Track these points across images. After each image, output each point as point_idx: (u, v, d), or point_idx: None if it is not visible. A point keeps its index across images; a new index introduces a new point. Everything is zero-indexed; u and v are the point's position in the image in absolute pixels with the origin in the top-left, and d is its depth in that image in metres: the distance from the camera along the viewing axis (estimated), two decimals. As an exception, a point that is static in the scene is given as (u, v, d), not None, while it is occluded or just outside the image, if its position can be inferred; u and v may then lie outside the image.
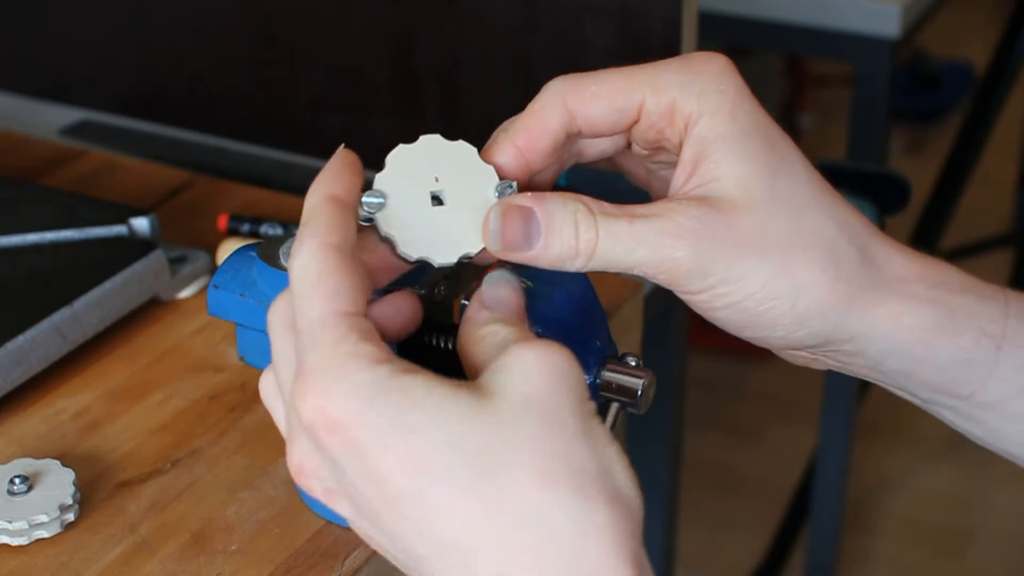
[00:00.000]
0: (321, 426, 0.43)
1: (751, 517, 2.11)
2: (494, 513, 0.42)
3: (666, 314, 1.02)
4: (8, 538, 0.60)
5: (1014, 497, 2.17)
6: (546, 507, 0.42)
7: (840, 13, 1.50)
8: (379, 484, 0.43)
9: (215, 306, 0.62)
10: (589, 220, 0.49)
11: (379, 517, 0.44)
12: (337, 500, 0.45)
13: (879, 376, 0.54)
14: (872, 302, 0.51)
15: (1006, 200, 2.77)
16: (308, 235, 0.46)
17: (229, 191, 0.90)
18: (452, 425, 0.43)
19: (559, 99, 0.51)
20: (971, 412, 0.53)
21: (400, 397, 0.43)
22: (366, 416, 0.43)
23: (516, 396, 0.43)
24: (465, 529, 0.42)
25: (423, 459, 0.42)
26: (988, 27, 2.81)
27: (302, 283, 0.45)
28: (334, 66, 1.05)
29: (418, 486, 0.42)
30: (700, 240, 0.49)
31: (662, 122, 0.51)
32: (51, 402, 0.70)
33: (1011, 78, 1.98)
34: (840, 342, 0.52)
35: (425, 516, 0.42)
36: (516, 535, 0.42)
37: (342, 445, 0.43)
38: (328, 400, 0.43)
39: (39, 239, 0.76)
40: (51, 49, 1.16)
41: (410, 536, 0.43)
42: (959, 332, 0.51)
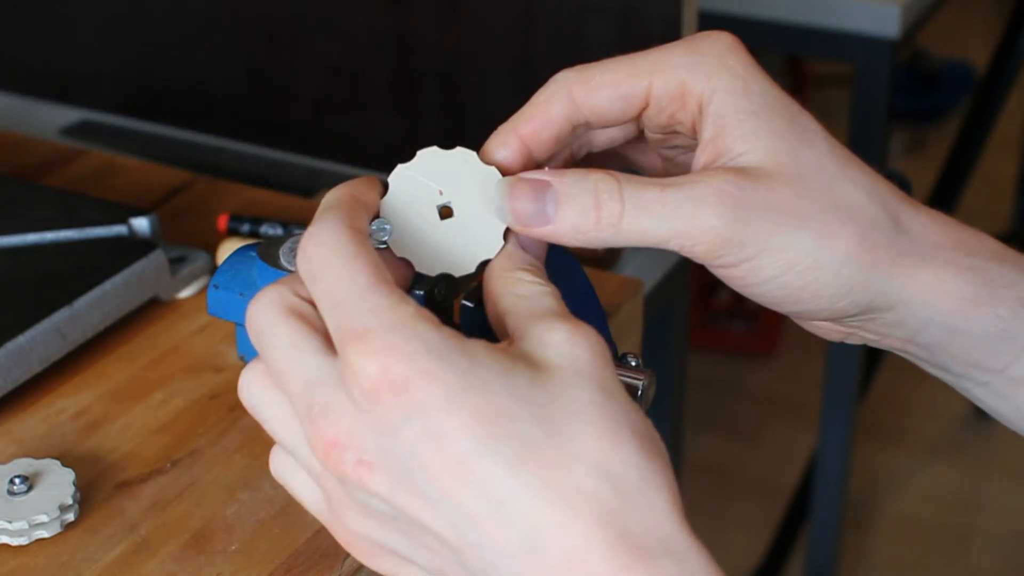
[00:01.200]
0: (387, 386, 0.41)
1: (751, 517, 2.11)
2: (562, 471, 0.41)
3: (666, 314, 1.02)
4: (8, 538, 0.60)
5: (1014, 497, 2.17)
6: (615, 462, 0.41)
7: (840, 13, 1.50)
8: (441, 445, 0.41)
9: (215, 306, 0.62)
10: (613, 188, 0.48)
11: (431, 482, 0.42)
12: (372, 472, 0.43)
13: (914, 349, 0.52)
14: (914, 268, 0.50)
15: (1006, 200, 2.77)
16: (332, 217, 0.45)
17: (229, 191, 0.90)
18: (521, 388, 0.42)
19: (564, 89, 0.51)
20: (1002, 388, 0.52)
21: (470, 358, 0.42)
22: (441, 374, 0.41)
23: (570, 371, 0.43)
24: (530, 488, 0.41)
25: (496, 417, 0.41)
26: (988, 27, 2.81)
27: (337, 257, 0.44)
28: (334, 66, 1.05)
29: (487, 445, 0.41)
30: (739, 207, 0.47)
31: (672, 105, 0.50)
32: (51, 402, 0.70)
33: (1011, 78, 1.98)
34: (881, 311, 0.51)
35: (490, 475, 0.41)
36: (581, 490, 0.41)
37: (405, 406, 0.41)
38: (399, 358, 0.41)
39: (39, 239, 0.76)
40: (51, 49, 1.17)
41: (466, 500, 0.41)
42: (997, 302, 0.51)
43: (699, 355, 2.44)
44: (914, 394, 2.33)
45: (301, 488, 0.48)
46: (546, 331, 0.44)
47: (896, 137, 3.08)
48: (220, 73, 1.10)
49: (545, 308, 0.46)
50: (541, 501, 0.41)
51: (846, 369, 1.72)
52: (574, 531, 0.41)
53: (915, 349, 0.53)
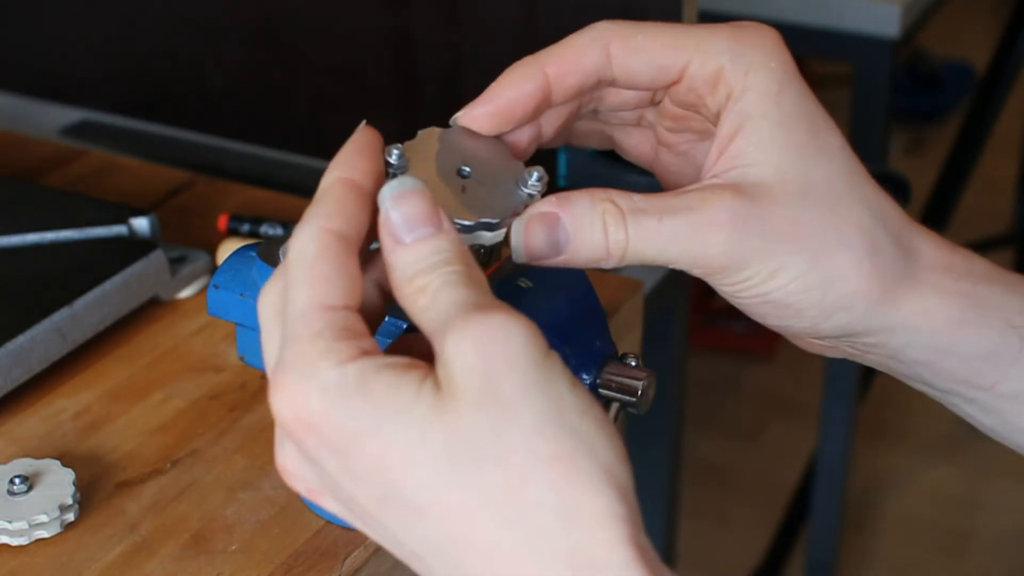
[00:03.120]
0: (295, 424, 0.43)
1: (751, 516, 2.11)
2: (472, 509, 0.40)
3: (666, 314, 1.02)
4: (8, 538, 0.60)
5: (1014, 496, 2.17)
6: (526, 502, 0.40)
7: (840, 13, 1.51)
8: (359, 483, 0.42)
9: (215, 306, 0.62)
10: (618, 221, 0.48)
11: (367, 514, 0.43)
12: (323, 498, 0.45)
13: (897, 366, 0.53)
14: (902, 295, 0.50)
15: (1006, 200, 2.77)
16: (312, 216, 0.44)
17: (229, 191, 0.90)
18: (414, 428, 0.41)
19: (602, 40, 0.50)
20: (991, 404, 0.52)
21: (363, 400, 0.42)
22: (334, 417, 0.42)
23: (467, 392, 0.41)
24: (444, 527, 0.41)
25: (391, 462, 0.41)
26: (988, 27, 2.81)
27: (296, 267, 0.44)
28: (334, 66, 1.05)
29: (392, 487, 0.42)
30: (734, 234, 0.48)
31: (704, 88, 0.50)
32: (51, 402, 0.70)
33: (1011, 78, 1.98)
34: (863, 335, 0.51)
35: (406, 516, 0.42)
36: (496, 533, 0.40)
37: (319, 444, 0.42)
38: (298, 398, 0.42)
39: (39, 239, 0.76)
40: (51, 49, 1.17)
41: (398, 534, 0.43)
42: (985, 324, 0.51)
43: (699, 355, 2.44)
44: (914, 394, 2.31)
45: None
46: (450, 351, 0.41)
47: (896, 137, 3.07)
48: (220, 73, 1.10)
49: (445, 311, 0.42)
50: (460, 545, 0.42)
51: (846, 369, 1.72)
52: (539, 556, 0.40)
53: (898, 367, 0.53)
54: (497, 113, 0.50)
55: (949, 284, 0.51)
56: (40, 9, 1.15)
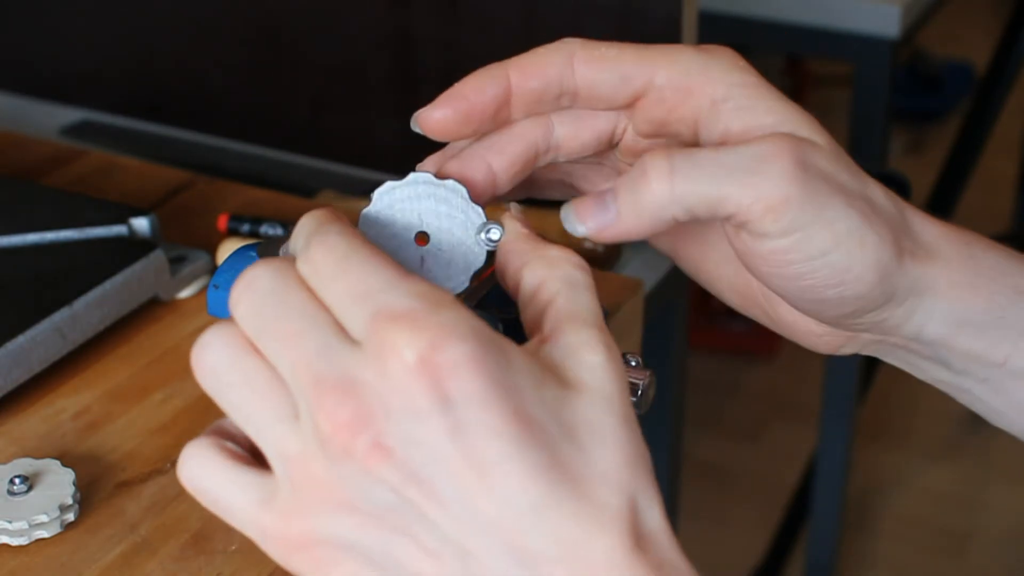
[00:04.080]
0: (431, 367, 0.39)
1: (751, 517, 2.11)
2: (589, 487, 0.40)
3: (666, 314, 1.02)
4: (8, 538, 0.60)
5: (1014, 497, 2.17)
6: (634, 490, 0.41)
7: (840, 13, 1.51)
8: (471, 441, 0.39)
9: (215, 306, 0.61)
10: (657, 154, 0.46)
11: (449, 479, 0.39)
12: (387, 458, 0.39)
13: (916, 347, 0.52)
14: (923, 259, 0.50)
15: (1006, 200, 2.77)
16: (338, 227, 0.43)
17: (229, 191, 0.90)
18: (549, 402, 0.40)
19: (566, 49, 0.50)
20: (1002, 383, 0.52)
21: (506, 356, 0.40)
22: (486, 364, 0.39)
23: (598, 395, 0.42)
24: (556, 498, 0.39)
25: (528, 423, 0.39)
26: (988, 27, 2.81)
27: (357, 254, 0.42)
28: (334, 66, 1.05)
29: (518, 449, 0.39)
30: (801, 166, 0.45)
31: (676, 97, 0.49)
32: (51, 402, 0.70)
33: (1011, 78, 1.98)
34: (898, 303, 0.50)
35: (516, 480, 0.39)
36: (607, 507, 0.40)
37: (444, 392, 0.39)
38: (447, 337, 0.39)
39: (39, 239, 0.76)
40: (51, 49, 1.17)
41: (486, 504, 0.39)
42: (995, 290, 0.51)
43: (699, 355, 2.44)
44: (914, 394, 2.33)
45: (229, 488, 0.43)
46: (583, 347, 0.43)
47: (896, 137, 3.08)
48: (220, 73, 1.10)
49: (586, 311, 0.44)
50: (566, 513, 0.39)
51: (846, 369, 1.72)
52: (599, 544, 0.40)
53: (917, 347, 0.52)
54: (455, 115, 0.50)
55: (960, 249, 0.51)
56: (40, 9, 1.15)
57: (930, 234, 0.51)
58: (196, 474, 0.44)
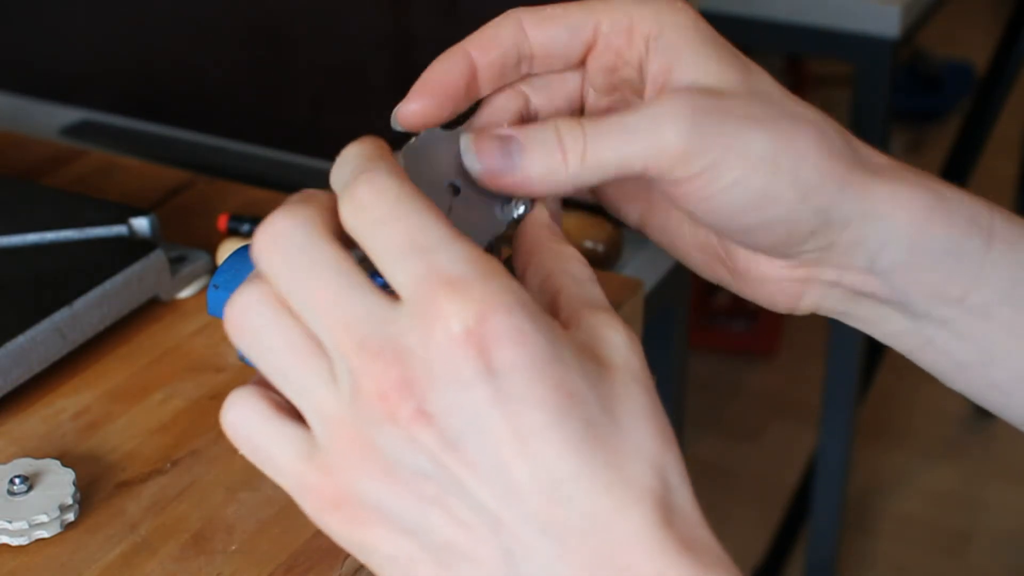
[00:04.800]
0: (478, 338, 0.39)
1: (751, 517, 2.11)
2: (623, 459, 0.41)
3: (666, 314, 1.02)
4: (8, 538, 0.60)
5: (1014, 497, 2.17)
6: (665, 464, 0.42)
7: (840, 13, 1.51)
8: (512, 411, 0.39)
9: (215, 306, 0.61)
10: (572, 124, 0.48)
11: (488, 448, 0.39)
12: (428, 425, 0.39)
13: (875, 284, 0.52)
14: (870, 180, 0.50)
15: (1006, 200, 2.77)
16: (386, 166, 0.42)
17: (229, 191, 0.90)
18: (590, 374, 0.41)
19: (515, 18, 0.52)
20: (964, 326, 0.52)
21: (552, 330, 0.41)
22: (533, 336, 0.39)
23: (626, 372, 0.43)
24: (592, 470, 0.40)
25: (570, 394, 0.40)
26: (988, 27, 2.81)
27: (409, 202, 0.41)
28: (334, 66, 1.05)
29: (558, 420, 0.39)
30: (696, 115, 0.48)
31: (620, 40, 0.51)
32: (51, 402, 0.70)
33: (1011, 78, 1.98)
34: (840, 227, 0.50)
35: (553, 451, 0.39)
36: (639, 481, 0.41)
37: (489, 363, 0.39)
38: (497, 310, 0.39)
39: (39, 239, 0.76)
40: (51, 49, 1.17)
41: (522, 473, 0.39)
42: (951, 219, 0.51)
43: (699, 355, 2.44)
44: (914, 394, 2.33)
45: (272, 439, 0.43)
46: (605, 327, 0.43)
47: (896, 137, 3.08)
48: (220, 73, 1.10)
49: (598, 299, 0.45)
50: (600, 484, 0.40)
51: (846, 369, 1.72)
52: (630, 517, 0.40)
53: (873, 286, 0.52)
54: (430, 101, 0.52)
55: (911, 177, 0.51)
56: (40, 9, 1.15)
57: (879, 160, 0.51)
58: (241, 422, 0.44)
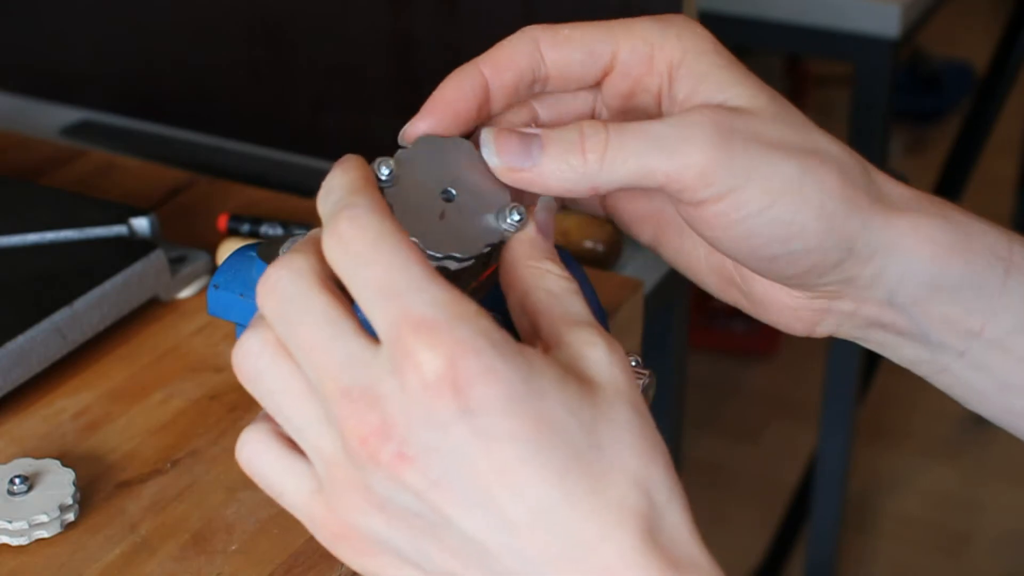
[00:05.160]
0: (450, 381, 0.40)
1: (751, 517, 2.11)
2: (606, 484, 0.41)
3: (666, 314, 1.02)
4: (8, 538, 0.60)
5: (1013, 497, 2.17)
6: (650, 480, 0.42)
7: (840, 13, 1.51)
8: (492, 447, 0.40)
9: (215, 306, 0.62)
10: (596, 124, 0.47)
11: (472, 484, 0.40)
12: (410, 466, 0.41)
13: (891, 316, 0.52)
14: (891, 213, 0.50)
15: (1006, 200, 2.77)
16: (367, 201, 0.43)
17: (229, 191, 0.90)
18: (572, 400, 0.41)
19: (530, 36, 0.51)
20: (981, 357, 0.52)
21: (529, 363, 0.41)
22: (505, 374, 0.40)
23: (609, 389, 0.43)
24: (575, 497, 0.40)
25: (549, 425, 0.40)
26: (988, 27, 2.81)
27: (385, 242, 0.42)
28: (334, 66, 1.05)
29: (538, 452, 0.40)
30: (724, 133, 0.47)
31: (640, 68, 0.50)
32: (51, 402, 0.70)
33: (1011, 78, 1.98)
34: (863, 260, 0.50)
35: (536, 482, 0.40)
36: (623, 504, 0.41)
37: (464, 403, 0.40)
38: (466, 354, 0.40)
39: (39, 239, 0.76)
40: (51, 49, 1.17)
41: (508, 505, 0.40)
42: (971, 251, 0.51)
43: (699, 355, 2.44)
44: (914, 394, 2.33)
45: (283, 476, 0.45)
46: (586, 345, 0.44)
47: (896, 137, 3.08)
48: (220, 73, 1.10)
49: (577, 313, 0.45)
50: (583, 512, 0.41)
51: (846, 369, 1.72)
52: (615, 542, 0.40)
53: (891, 317, 0.52)
54: (439, 121, 0.51)
55: (932, 209, 0.51)
56: (40, 9, 1.15)
57: (898, 191, 0.51)
58: (254, 460, 0.45)
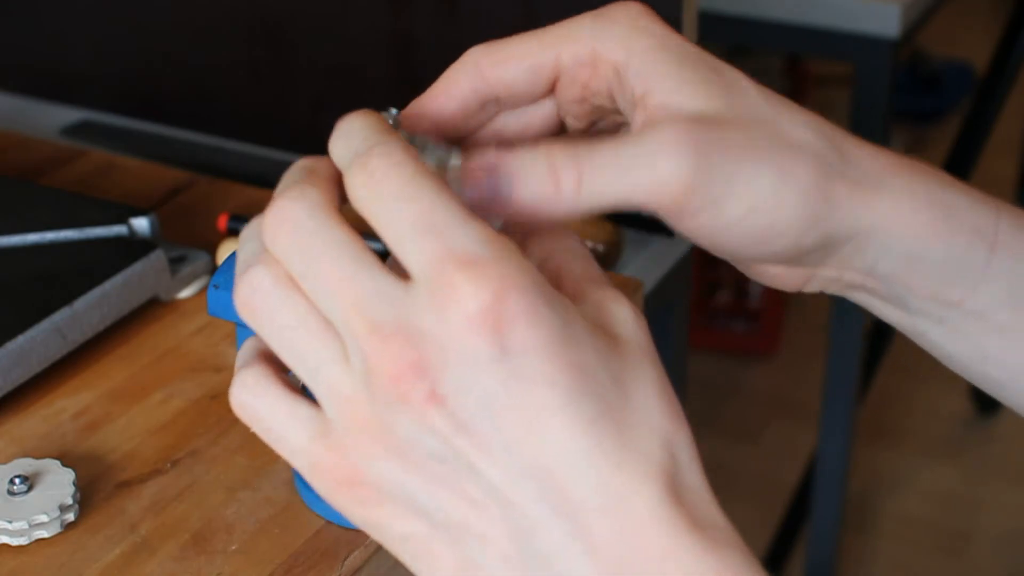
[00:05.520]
0: (495, 317, 0.39)
1: (751, 517, 2.11)
2: (635, 436, 0.41)
3: (666, 314, 1.02)
4: (8, 538, 0.60)
5: (1014, 497, 2.17)
6: (675, 439, 0.42)
7: (840, 13, 1.51)
8: (527, 390, 0.39)
9: (215, 306, 0.62)
10: (565, 153, 0.45)
11: (501, 429, 0.40)
12: (441, 407, 0.39)
13: (872, 283, 0.51)
14: (871, 196, 0.49)
15: (1006, 200, 2.76)
16: (395, 141, 0.42)
17: (229, 191, 0.90)
18: (602, 351, 0.41)
19: (471, 61, 0.49)
20: (960, 324, 0.51)
21: (565, 309, 0.41)
22: (549, 316, 0.39)
23: (635, 347, 0.43)
24: (605, 448, 0.40)
25: (583, 372, 0.40)
26: (988, 27, 2.81)
27: (423, 179, 0.41)
28: (334, 66, 1.05)
29: (571, 398, 0.40)
30: (698, 147, 0.45)
31: (583, 73, 0.49)
32: (51, 402, 0.70)
33: (1011, 78, 1.98)
34: (842, 243, 0.50)
35: (568, 429, 0.40)
36: (651, 457, 0.41)
37: (505, 342, 0.39)
38: (514, 290, 0.39)
39: (39, 239, 0.76)
40: (51, 49, 1.17)
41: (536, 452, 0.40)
42: (953, 229, 0.50)
43: (699, 355, 2.44)
44: (914, 394, 2.33)
45: (285, 419, 0.43)
46: (612, 302, 0.43)
47: (896, 137, 3.08)
48: (220, 73, 1.10)
49: (600, 275, 0.45)
50: (612, 462, 0.40)
51: (846, 369, 1.72)
52: (643, 495, 0.40)
53: (873, 283, 0.51)
54: None
55: (915, 187, 0.50)
56: (40, 9, 1.15)
57: (875, 165, 0.50)
58: (252, 403, 0.43)
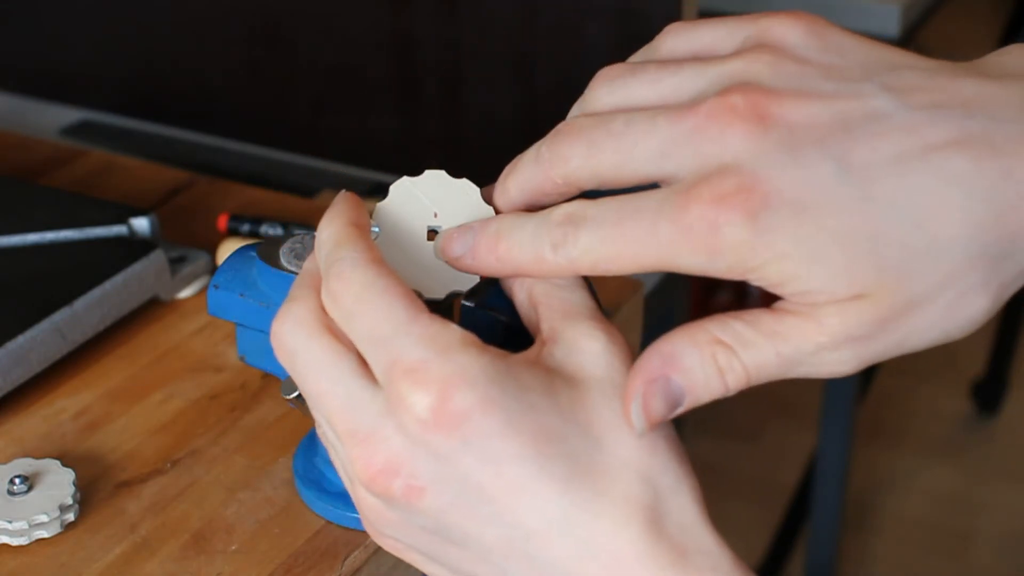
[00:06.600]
0: (446, 416, 0.42)
1: (751, 517, 2.11)
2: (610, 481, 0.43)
3: (666, 314, 1.02)
4: (8, 538, 0.60)
5: (1014, 497, 2.17)
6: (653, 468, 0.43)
7: (840, 13, 1.51)
8: (498, 469, 0.42)
9: (215, 306, 0.62)
10: (731, 360, 0.43)
11: (485, 502, 0.43)
12: (422, 495, 0.43)
13: None
14: None
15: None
16: (350, 251, 0.45)
17: (229, 191, 0.90)
18: (564, 407, 0.43)
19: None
20: None
21: (517, 381, 0.43)
22: (499, 400, 0.42)
23: (605, 382, 0.44)
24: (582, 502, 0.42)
25: (547, 438, 0.42)
26: (988, 27, 2.81)
27: (369, 291, 0.44)
28: (334, 66, 1.05)
29: (542, 466, 0.42)
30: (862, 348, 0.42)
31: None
32: (51, 402, 0.70)
33: (1011, 78, 1.97)
34: None
35: (544, 494, 0.42)
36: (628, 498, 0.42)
37: (464, 434, 0.42)
38: (457, 387, 0.42)
39: (39, 239, 0.76)
40: (51, 49, 1.17)
41: (522, 518, 0.42)
42: None
43: (699, 355, 2.43)
44: (914, 394, 2.33)
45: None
46: (584, 338, 0.45)
47: (896, 137, 3.07)
48: (220, 73, 1.10)
49: (580, 306, 0.46)
50: (592, 512, 0.42)
51: (846, 369, 1.71)
52: (624, 537, 0.42)
53: None
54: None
55: None
56: (40, 9, 1.15)
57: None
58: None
